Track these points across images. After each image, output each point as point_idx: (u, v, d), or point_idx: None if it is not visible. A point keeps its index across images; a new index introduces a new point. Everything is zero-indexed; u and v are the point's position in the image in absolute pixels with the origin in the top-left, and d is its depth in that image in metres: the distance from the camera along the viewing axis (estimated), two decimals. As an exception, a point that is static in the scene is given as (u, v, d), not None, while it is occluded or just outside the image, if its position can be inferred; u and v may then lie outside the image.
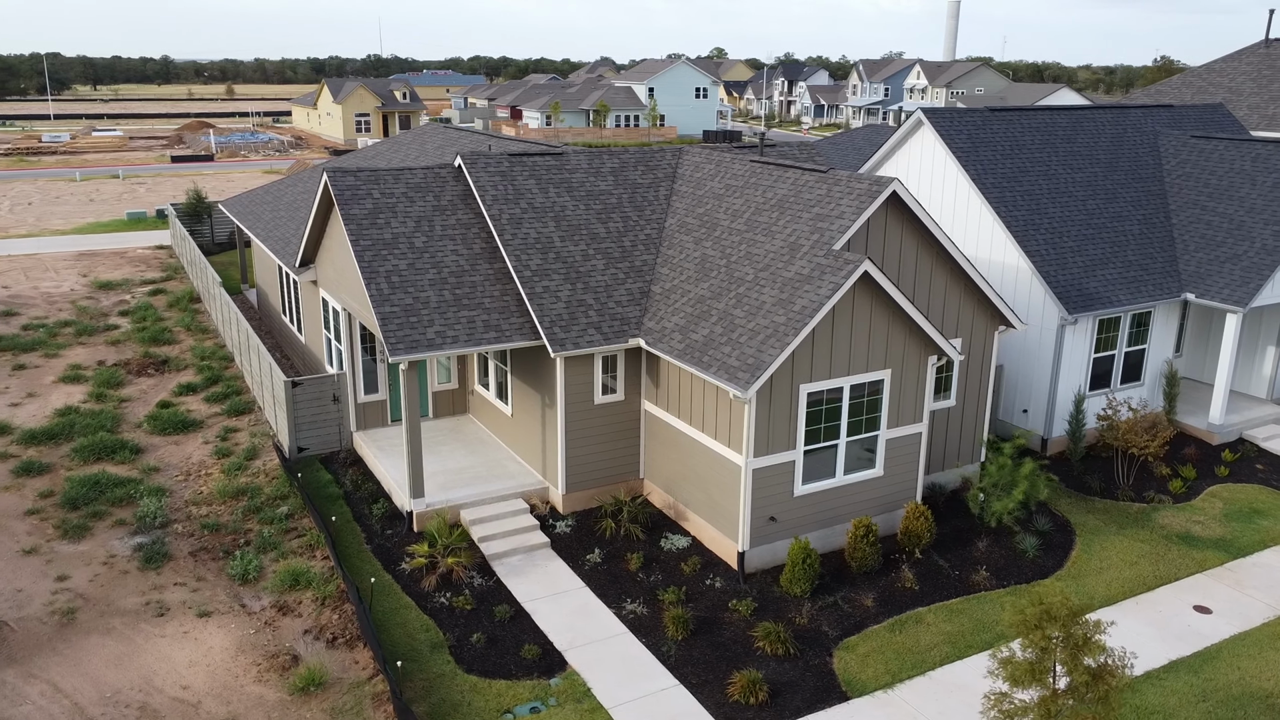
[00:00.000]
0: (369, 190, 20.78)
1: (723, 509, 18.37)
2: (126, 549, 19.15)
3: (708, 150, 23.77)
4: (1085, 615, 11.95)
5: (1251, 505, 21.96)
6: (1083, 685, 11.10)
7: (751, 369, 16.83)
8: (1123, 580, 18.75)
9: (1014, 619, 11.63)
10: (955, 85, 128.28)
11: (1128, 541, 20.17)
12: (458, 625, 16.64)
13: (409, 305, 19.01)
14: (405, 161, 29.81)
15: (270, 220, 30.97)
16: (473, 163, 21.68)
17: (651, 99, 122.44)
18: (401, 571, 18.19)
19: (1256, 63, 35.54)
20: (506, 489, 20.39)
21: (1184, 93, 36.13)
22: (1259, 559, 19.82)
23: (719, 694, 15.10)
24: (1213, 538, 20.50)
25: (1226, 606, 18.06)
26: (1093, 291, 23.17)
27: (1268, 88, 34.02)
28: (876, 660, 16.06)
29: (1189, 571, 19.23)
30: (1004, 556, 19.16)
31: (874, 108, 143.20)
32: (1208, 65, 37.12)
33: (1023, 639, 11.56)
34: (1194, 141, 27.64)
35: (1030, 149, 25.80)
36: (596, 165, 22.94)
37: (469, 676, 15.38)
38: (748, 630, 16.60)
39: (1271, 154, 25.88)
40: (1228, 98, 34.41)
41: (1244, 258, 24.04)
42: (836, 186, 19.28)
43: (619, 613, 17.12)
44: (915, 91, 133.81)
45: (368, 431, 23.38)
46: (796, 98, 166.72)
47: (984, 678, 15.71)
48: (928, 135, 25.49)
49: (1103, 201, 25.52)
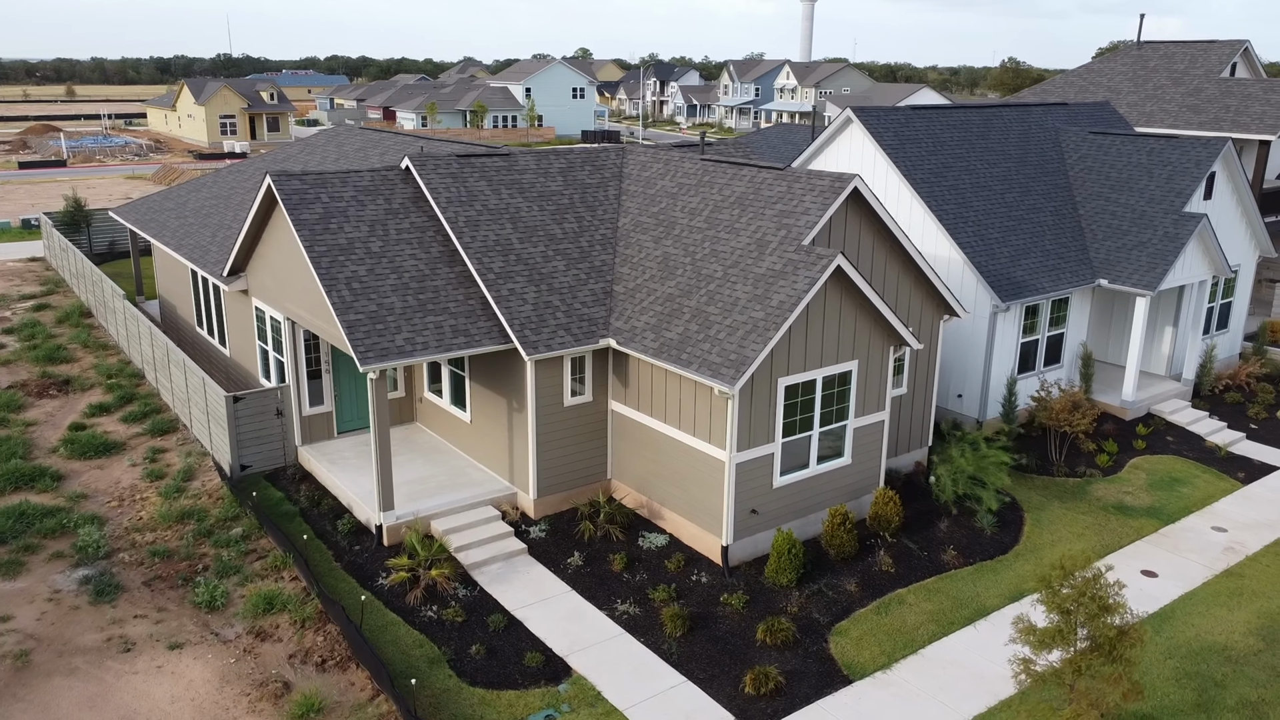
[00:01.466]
0: (317, 194, 19.99)
1: (703, 505, 18.52)
2: (71, 583, 17.84)
3: (654, 149, 23.88)
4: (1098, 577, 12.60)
5: (1170, 474, 23.60)
6: (1106, 644, 11.72)
7: (735, 364, 17.04)
8: (1089, 545, 19.82)
9: (1037, 584, 12.20)
10: (823, 85, 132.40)
11: (1071, 515, 21.37)
12: (451, 638, 16.23)
13: (373, 312, 18.39)
14: (324, 165, 28.77)
15: (178, 228, 29.34)
16: (422, 164, 21.13)
17: (529, 99, 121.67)
18: (381, 587, 17.59)
19: (1131, 64, 38.16)
20: (474, 497, 19.98)
21: (1067, 91, 38.45)
22: (1187, 524, 21.34)
23: (729, 687, 15.25)
24: (1144, 506, 21.94)
25: (1169, 570, 19.37)
26: (1020, 280, 24.42)
27: (1142, 86, 36.56)
28: (870, 643, 16.52)
29: (1130, 539, 20.53)
30: (966, 535, 20.00)
31: (746, 107, 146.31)
32: (1086, 66, 39.61)
33: (1046, 603, 12.13)
34: (1092, 137, 29.47)
35: (950, 145, 26.97)
36: (544, 166, 22.73)
37: (475, 689, 15.03)
38: (743, 623, 16.80)
39: (1164, 149, 27.84)
40: (1108, 96, 36.82)
41: (1149, 245, 25.79)
42: (797, 183, 19.69)
43: (611, 614, 17.05)
44: (785, 91, 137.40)
45: (314, 445, 22.48)
46: (669, 98, 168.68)
47: (971, 652, 16.39)
48: (857, 132, 26.30)
49: (1018, 195, 26.92)
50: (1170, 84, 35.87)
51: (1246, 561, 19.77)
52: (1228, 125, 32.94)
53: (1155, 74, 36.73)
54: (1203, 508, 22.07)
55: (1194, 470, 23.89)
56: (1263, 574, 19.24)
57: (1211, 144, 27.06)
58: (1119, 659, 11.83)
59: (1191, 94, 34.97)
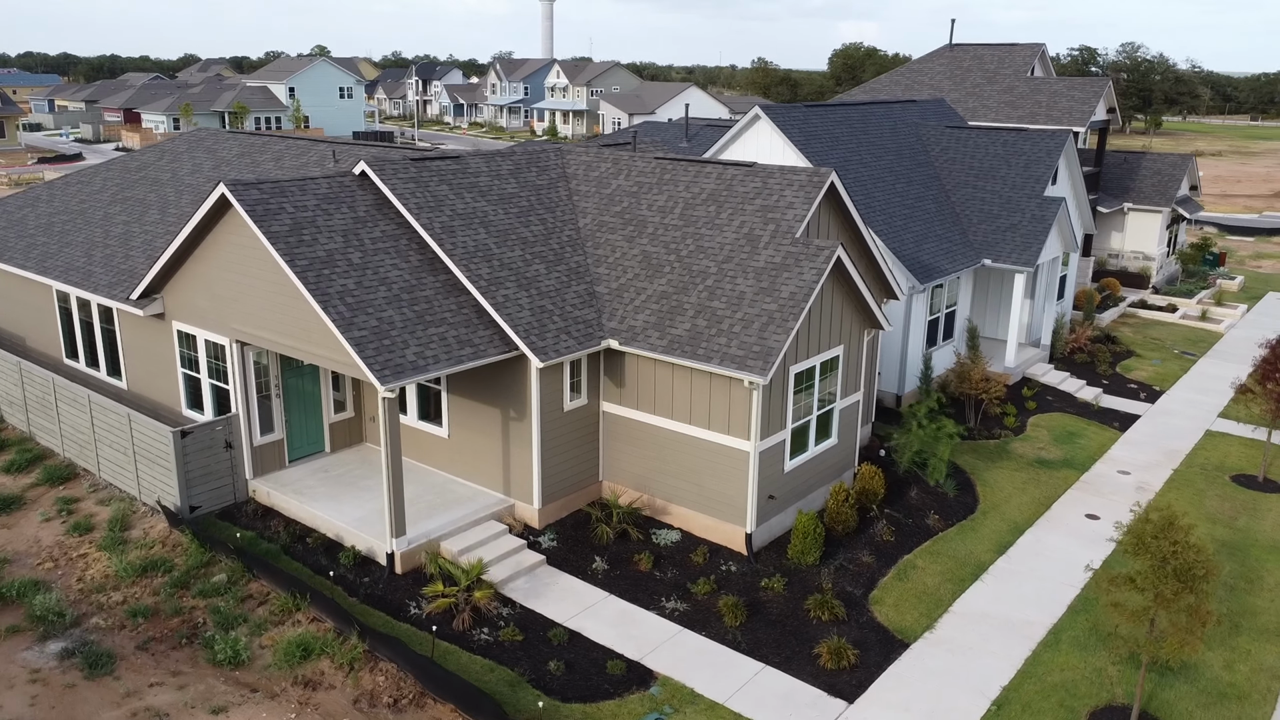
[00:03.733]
0: (280, 204, 18.42)
1: (720, 496, 18.88)
2: (48, 659, 15.53)
3: (598, 148, 23.81)
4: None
5: (1065, 429, 26.57)
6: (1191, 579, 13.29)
7: (761, 355, 17.54)
8: (1025, 504, 22.00)
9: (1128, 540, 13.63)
10: (594, 84, 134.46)
11: (1006, 473, 23.60)
12: (519, 658, 15.67)
13: (375, 327, 17.27)
14: (198, 175, 26.30)
15: (27, 248, 25.78)
16: (380, 169, 19.98)
17: (293, 99, 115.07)
18: (417, 617, 16.62)
19: (947, 64, 42.06)
20: (473, 514, 19.23)
21: (894, 89, 41.81)
22: (1097, 470, 24.15)
23: (808, 665, 15.79)
24: (1058, 459, 24.61)
25: (1105, 512, 21.91)
26: (927, 263, 26.53)
27: (962, 84, 40.44)
28: (906, 608, 17.61)
29: (1061, 489, 22.99)
30: (935, 501, 21.61)
31: (516, 106, 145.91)
32: (908, 65, 43.21)
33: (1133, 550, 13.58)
34: (950, 131, 32.37)
35: (845, 140, 28.76)
36: (495, 168, 22.11)
37: (572, 705, 14.66)
38: (789, 604, 17.37)
39: (1017, 140, 31.11)
40: (933, 93, 40.41)
41: (1021, 226, 28.78)
42: (772, 179, 20.43)
43: (661, 613, 17.08)
44: (557, 90, 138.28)
45: (267, 477, 20.67)
46: (433, 97, 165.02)
47: (992, 604, 17.85)
48: (765, 128, 27.45)
49: (904, 185, 29.16)
50: (985, 82, 39.92)
51: (1158, 497, 22.70)
52: (1043, 119, 37.18)
53: (971, 73, 40.73)
54: (1102, 455, 25.05)
55: (1081, 424, 27.01)
56: (1177, 506, 22.15)
57: (1057, 135, 30.55)
58: (1199, 592, 13.45)
59: (1006, 91, 39.13)
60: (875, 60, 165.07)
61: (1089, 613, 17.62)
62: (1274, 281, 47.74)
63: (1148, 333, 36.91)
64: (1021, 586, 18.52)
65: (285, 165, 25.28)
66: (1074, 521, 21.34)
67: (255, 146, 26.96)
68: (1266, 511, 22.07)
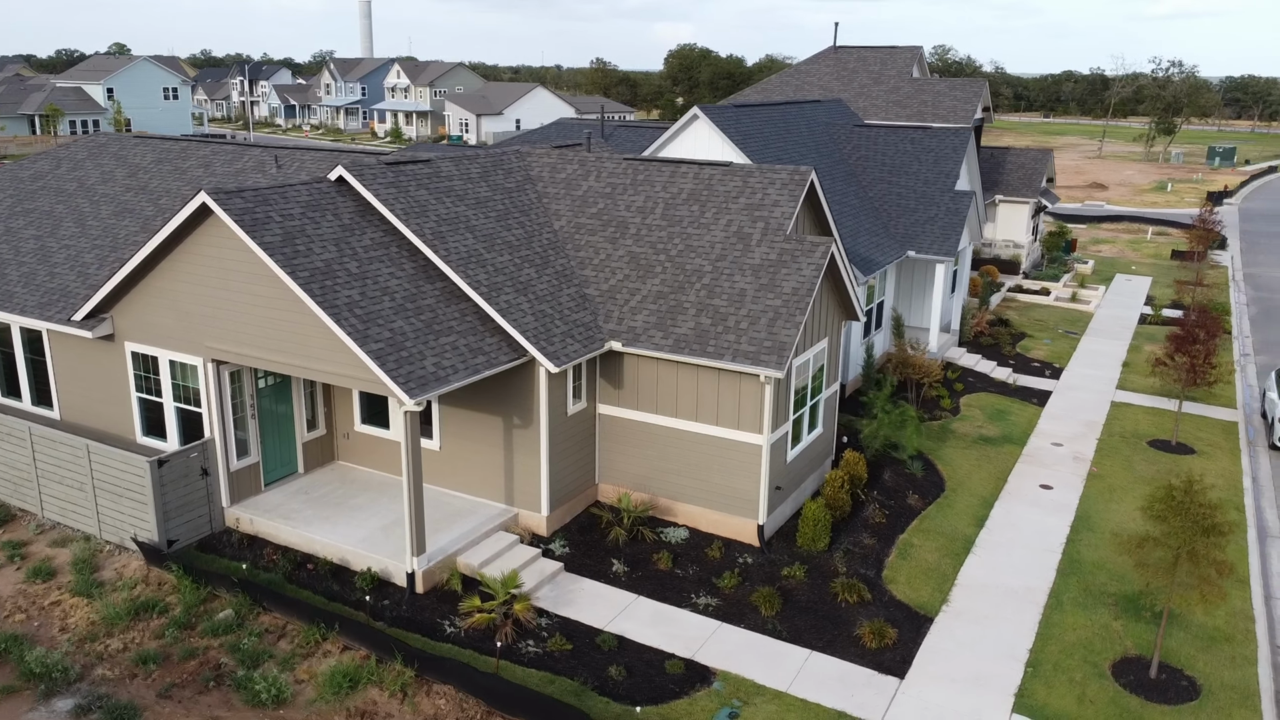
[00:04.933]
0: (266, 213, 17.37)
1: (729, 490, 19.19)
2: (60, 717, 14.13)
3: (559, 150, 23.59)
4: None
5: (995, 407, 28.39)
6: (1213, 530, 14.60)
7: (775, 350, 17.96)
8: (985, 480, 23.42)
9: (1160, 505, 14.84)
10: (437, 84, 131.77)
11: (959, 451, 25.02)
12: (574, 667, 15.46)
13: (390, 339, 16.58)
14: (112, 183, 24.33)
15: (-82, 269, 23.11)
16: (360, 174, 19.15)
17: (113, 101, 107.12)
18: (456, 634, 16.11)
19: (833, 65, 43.85)
20: (480, 526, 18.77)
21: (785, 90, 43.23)
22: (1034, 444, 25.95)
23: (852, 647, 16.33)
24: (999, 436, 26.28)
25: (1055, 481, 23.60)
26: (865, 255, 27.70)
27: (850, 85, 42.28)
28: (918, 585, 18.47)
29: (1010, 464, 24.59)
30: (908, 482, 22.68)
31: (353, 107, 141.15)
32: (796, 67, 44.75)
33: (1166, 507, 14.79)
34: (859, 130, 33.85)
35: (774, 139, 29.61)
36: (464, 171, 21.57)
37: (645, 709, 14.61)
38: (814, 590, 17.88)
39: (924, 138, 32.88)
40: (824, 94, 42.05)
41: (938, 219, 30.48)
42: (752, 178, 20.89)
43: (695, 609, 17.24)
44: (398, 90, 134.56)
45: (245, 503, 19.44)
46: (260, 97, 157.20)
47: (992, 574, 18.95)
48: (703, 127, 27.93)
49: (830, 182, 30.27)
50: (872, 83, 41.90)
51: (1094, 465, 24.64)
52: (930, 117, 39.40)
53: (857, 75, 42.65)
54: (1033, 430, 26.93)
55: (1006, 402, 28.92)
56: (1112, 472, 24.15)
57: (960, 133, 32.51)
58: (1216, 544, 14.81)
59: (892, 92, 41.21)
60: (710, 61, 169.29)
61: (1077, 575, 19.01)
62: (1118, 264, 52.34)
63: (1030, 315, 39.80)
64: (1009, 556, 19.75)
65: (217, 172, 23.76)
66: (1031, 492, 22.88)
67: (173, 153, 25.15)
68: (1190, 472, 24.33)
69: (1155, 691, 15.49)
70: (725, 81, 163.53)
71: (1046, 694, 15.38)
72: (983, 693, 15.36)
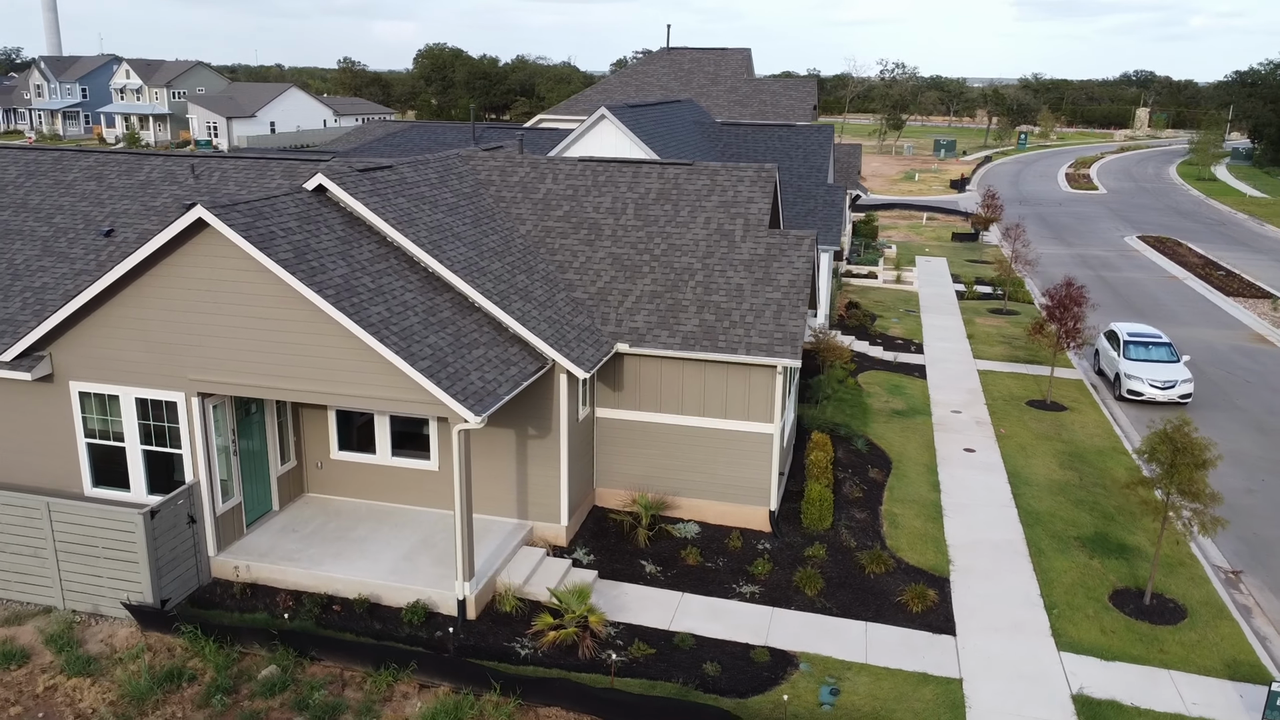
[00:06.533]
0: (268, 227, 15.84)
1: (740, 481, 19.67)
2: (140, 812, 12.36)
3: (505, 153, 22.96)
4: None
5: (890, 383, 30.64)
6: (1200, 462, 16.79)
7: (788, 340, 18.66)
8: (918, 449, 25.35)
9: (1160, 447, 16.89)
10: (175, 85, 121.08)
11: (884, 424, 26.88)
12: (666, 670, 15.41)
13: (433, 356, 15.66)
14: (43, 196, 21.07)
15: None
16: (343, 182, 17.85)
17: None
18: (533, 655, 15.55)
19: (669, 65, 45.05)
20: (503, 543, 18.12)
21: (626, 90, 43.93)
22: (939, 414, 28.33)
23: (899, 614, 17.36)
24: (907, 409, 28.46)
25: (974, 444, 25.95)
26: (771, 248, 28.99)
27: (689, 85, 43.68)
28: (921, 550, 19.83)
29: (929, 433, 26.74)
30: (859, 458, 24.11)
31: (73, 110, 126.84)
32: (632, 68, 45.52)
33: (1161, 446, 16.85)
34: (728, 127, 35.22)
35: (665, 137, 30.29)
36: (425, 177, 20.56)
37: (752, 699, 14.85)
38: (840, 566, 18.77)
39: (791, 135, 34.75)
40: (665, 94, 43.18)
41: (818, 211, 32.39)
42: (719, 176, 21.43)
43: (742, 599, 17.63)
44: (129, 92, 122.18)
45: (231, 550, 17.59)
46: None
47: (971, 531, 20.69)
48: (609, 126, 28.14)
49: (719, 178, 31.39)
50: (710, 83, 43.55)
51: (996, 428, 27.33)
52: (771, 115, 41.58)
53: (694, 75, 44.13)
54: (930, 401, 29.37)
55: (895, 378, 31.29)
56: (1015, 432, 26.88)
57: (824, 130, 34.67)
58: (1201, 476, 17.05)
59: (731, 91, 43.05)
60: (464, 61, 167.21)
61: (1040, 526, 21.14)
62: (911, 247, 57.45)
63: (869, 297, 43.03)
64: (976, 515, 21.62)
65: (114, 185, 21.13)
66: (960, 456, 25.06)
67: (44, 164, 22.03)
68: (1072, 426, 27.59)
69: (1155, 615, 17.68)
70: (482, 82, 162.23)
71: (1075, 630, 17.14)
72: (1026, 638, 16.88)
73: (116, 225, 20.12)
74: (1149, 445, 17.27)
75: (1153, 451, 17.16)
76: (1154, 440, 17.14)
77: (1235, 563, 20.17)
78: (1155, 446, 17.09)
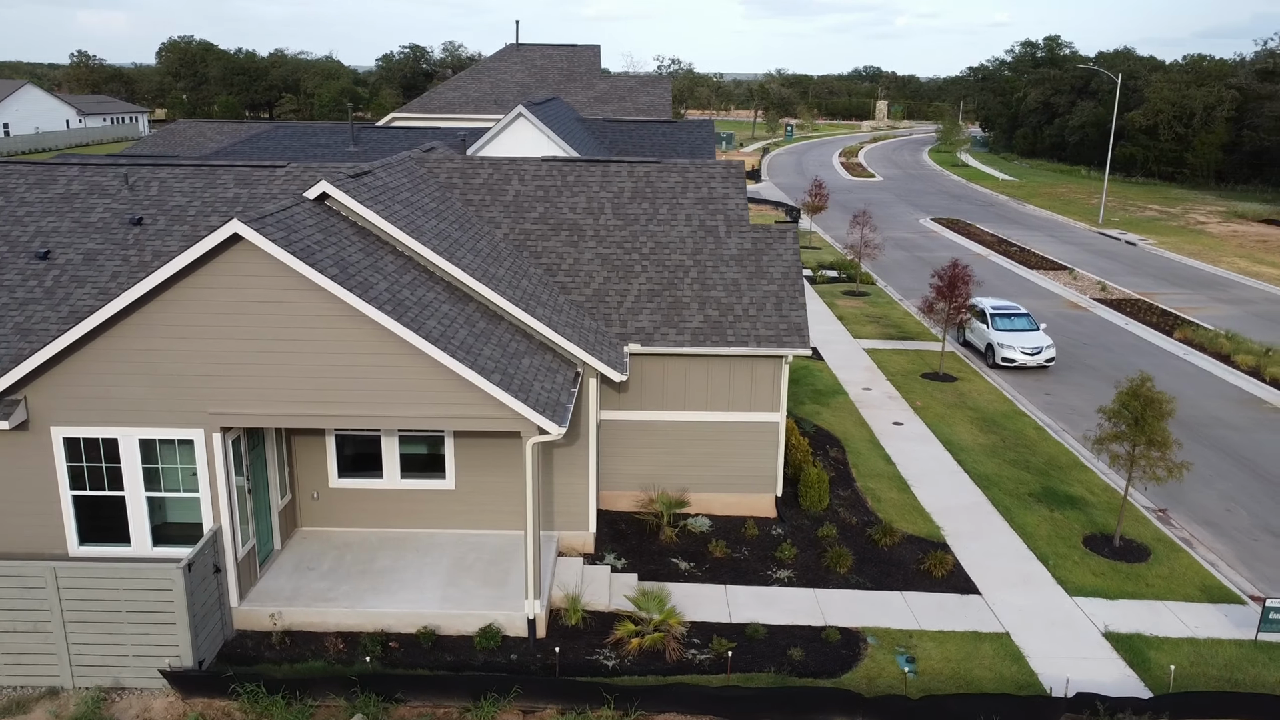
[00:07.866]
0: (306, 242, 14.53)
1: (746, 471, 20.10)
2: None
3: (460, 155, 22.02)
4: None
5: (798, 367, 32.05)
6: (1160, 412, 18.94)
7: (795, 330, 19.27)
8: (855, 426, 26.80)
9: (1133, 403, 18.90)
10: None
11: (814, 408, 28.15)
12: (753, 662, 15.66)
13: (499, 369, 14.98)
14: None
15: None
16: (347, 189, 16.61)
17: None
18: (620, 664, 15.29)
19: (520, 62, 44.35)
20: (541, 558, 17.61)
21: (482, 86, 42.85)
22: (855, 393, 29.98)
23: (924, 581, 18.47)
24: (825, 390, 29.93)
25: (900, 418, 27.75)
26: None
27: (544, 82, 43.28)
28: (911, 520, 21.10)
29: (854, 410, 28.29)
30: (811, 437, 25.18)
31: None
32: (483, 64, 44.35)
33: (1128, 402, 18.88)
34: (611, 124, 35.37)
35: (577, 133, 30.11)
36: (399, 181, 19.43)
37: (840, 678, 15.39)
38: (853, 543, 19.65)
39: (675, 129, 35.38)
40: (522, 91, 42.55)
41: (713, 204, 33.23)
42: (690, 172, 21.69)
43: (780, 584, 18.12)
44: None
45: (253, 597, 16.00)
46: None
47: (952, 497, 22.24)
48: (525, 124, 27.66)
49: (621, 175, 31.58)
50: (566, 80, 43.39)
51: (909, 401, 29.34)
52: (632, 111, 42.05)
53: (549, 72, 43.79)
54: (840, 381, 31.05)
55: (798, 360, 32.76)
56: (928, 405, 28.99)
57: (705, 124, 35.58)
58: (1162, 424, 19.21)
59: (589, 88, 43.11)
60: (215, 55, 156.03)
61: (995, 488, 22.98)
62: (742, 236, 59.89)
63: (732, 286, 44.55)
64: (937, 484, 23.21)
65: (29, 201, 18.49)
66: (894, 430, 26.76)
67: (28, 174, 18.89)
68: (970, 394, 30.08)
69: (1128, 555, 19.83)
70: (240, 78, 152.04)
71: (1073, 577, 18.93)
72: (1038, 588, 18.47)
73: (50, 245, 17.61)
74: (1119, 402, 19.29)
75: (1122, 407, 19.21)
76: (1124, 396, 19.18)
77: (1157, 502, 22.91)
78: (1126, 402, 19.14)
